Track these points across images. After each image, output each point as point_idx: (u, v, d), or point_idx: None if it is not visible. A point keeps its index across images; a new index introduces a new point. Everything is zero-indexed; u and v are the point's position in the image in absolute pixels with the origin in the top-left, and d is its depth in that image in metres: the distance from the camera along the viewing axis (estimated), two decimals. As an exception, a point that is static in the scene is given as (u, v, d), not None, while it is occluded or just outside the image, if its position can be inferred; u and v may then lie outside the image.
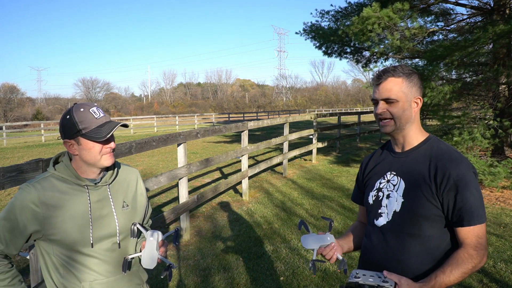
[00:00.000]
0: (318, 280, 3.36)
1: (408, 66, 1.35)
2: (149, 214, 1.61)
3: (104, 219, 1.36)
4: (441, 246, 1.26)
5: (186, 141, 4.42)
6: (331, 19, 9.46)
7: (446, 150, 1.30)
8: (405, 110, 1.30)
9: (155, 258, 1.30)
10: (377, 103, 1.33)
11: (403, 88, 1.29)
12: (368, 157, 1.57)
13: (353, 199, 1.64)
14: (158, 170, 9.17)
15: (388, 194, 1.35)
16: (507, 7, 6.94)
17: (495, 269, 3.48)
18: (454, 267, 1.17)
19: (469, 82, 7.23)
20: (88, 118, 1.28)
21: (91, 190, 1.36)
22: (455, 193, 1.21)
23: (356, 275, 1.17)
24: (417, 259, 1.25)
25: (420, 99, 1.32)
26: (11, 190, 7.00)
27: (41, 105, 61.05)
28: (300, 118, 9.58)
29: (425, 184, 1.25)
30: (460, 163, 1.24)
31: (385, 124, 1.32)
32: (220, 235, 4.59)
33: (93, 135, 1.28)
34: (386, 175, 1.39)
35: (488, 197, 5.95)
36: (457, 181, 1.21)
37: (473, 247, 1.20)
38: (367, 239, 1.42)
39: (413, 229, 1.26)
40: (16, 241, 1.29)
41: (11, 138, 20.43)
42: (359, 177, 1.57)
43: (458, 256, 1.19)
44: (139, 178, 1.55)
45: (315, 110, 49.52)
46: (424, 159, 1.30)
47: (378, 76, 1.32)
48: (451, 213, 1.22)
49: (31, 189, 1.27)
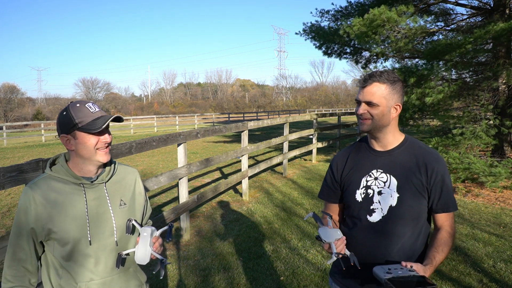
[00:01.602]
0: (318, 280, 3.37)
1: (394, 73, 1.45)
2: (148, 214, 1.61)
3: (101, 217, 1.37)
4: (422, 229, 1.46)
5: (186, 141, 4.42)
6: (331, 18, 9.45)
7: (427, 148, 1.48)
8: (384, 115, 1.41)
9: (148, 253, 1.29)
10: (359, 104, 1.44)
11: (385, 94, 1.40)
12: (342, 155, 1.61)
13: (323, 196, 1.67)
14: (158, 170, 9.18)
15: (379, 191, 1.44)
16: (507, 7, 6.94)
17: (495, 269, 3.48)
18: (443, 246, 1.38)
19: (469, 81, 7.24)
20: (84, 112, 1.31)
21: (88, 189, 1.37)
22: (441, 185, 1.42)
23: (389, 271, 1.23)
24: (409, 244, 1.43)
25: (400, 105, 1.44)
26: (11, 190, 7.01)
27: (41, 105, 61.04)
28: (300, 118, 9.58)
29: (416, 179, 1.41)
30: (441, 159, 1.45)
31: (364, 122, 1.44)
32: (220, 235, 4.59)
33: (89, 127, 1.30)
34: (372, 172, 1.48)
35: (488, 197, 5.95)
36: (443, 175, 1.43)
37: (451, 227, 1.45)
38: (357, 233, 1.48)
39: (407, 219, 1.42)
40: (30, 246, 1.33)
41: (11, 138, 20.43)
42: (335, 175, 1.60)
43: (443, 236, 1.41)
44: (137, 177, 1.56)
45: (315, 110, 49.53)
46: (410, 157, 1.45)
47: (364, 79, 1.42)
48: (436, 201, 1.43)
49: (29, 191, 1.31)
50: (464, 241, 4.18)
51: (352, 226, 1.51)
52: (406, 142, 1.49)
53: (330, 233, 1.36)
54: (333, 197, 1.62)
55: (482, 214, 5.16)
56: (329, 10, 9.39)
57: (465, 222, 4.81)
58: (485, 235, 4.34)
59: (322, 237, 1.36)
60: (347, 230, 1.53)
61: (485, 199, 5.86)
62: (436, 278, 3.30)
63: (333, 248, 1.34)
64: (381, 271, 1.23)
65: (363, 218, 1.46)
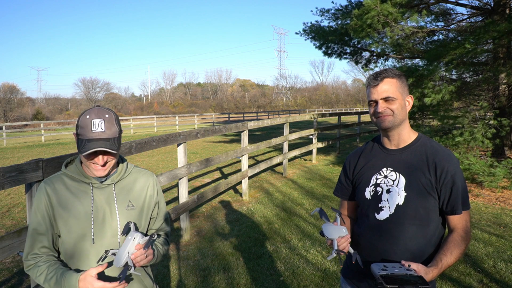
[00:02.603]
0: (318, 280, 3.36)
1: (395, 69, 1.47)
2: (161, 219, 1.58)
3: (106, 217, 1.38)
4: (435, 231, 1.42)
5: (186, 141, 4.42)
6: (331, 17, 9.44)
7: (439, 148, 1.45)
8: (402, 108, 1.42)
9: (123, 257, 1.26)
10: (375, 103, 1.43)
11: (399, 87, 1.42)
12: (355, 153, 1.64)
13: (337, 194, 1.70)
14: (158, 170, 9.17)
15: (388, 189, 1.45)
16: (507, 7, 6.94)
17: (495, 269, 3.48)
18: (453, 249, 1.33)
19: (469, 82, 7.23)
20: (85, 127, 1.29)
21: (96, 188, 1.40)
22: (451, 186, 1.38)
23: (384, 268, 1.23)
24: (417, 245, 1.40)
25: (411, 97, 1.48)
26: (11, 190, 7.00)
27: (41, 105, 61.01)
28: (300, 118, 9.57)
29: (425, 178, 1.39)
30: (453, 159, 1.42)
31: (385, 119, 1.42)
32: (220, 235, 4.59)
33: (80, 144, 1.30)
34: (382, 171, 1.49)
35: (488, 197, 5.95)
36: (453, 175, 1.39)
37: (464, 230, 1.39)
38: (365, 231, 1.50)
39: (415, 219, 1.40)
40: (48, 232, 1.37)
41: (11, 138, 20.42)
42: (347, 173, 1.63)
43: (454, 239, 1.36)
44: (152, 181, 1.55)
45: (315, 110, 49.52)
46: (421, 156, 1.43)
47: (374, 78, 1.43)
48: (446, 203, 1.40)
49: (43, 185, 1.39)
50: (464, 241, 4.17)
51: (362, 224, 1.53)
52: (419, 140, 1.48)
53: (333, 230, 1.36)
54: (347, 195, 1.64)
55: (482, 214, 5.15)
56: (330, 9, 9.39)
57: (465, 222, 4.81)
58: (486, 235, 4.34)
59: (325, 233, 1.36)
60: (357, 227, 1.54)
61: (485, 199, 5.86)
62: (436, 278, 3.30)
63: (334, 245, 1.34)
64: (376, 268, 1.24)
65: (371, 216, 1.47)
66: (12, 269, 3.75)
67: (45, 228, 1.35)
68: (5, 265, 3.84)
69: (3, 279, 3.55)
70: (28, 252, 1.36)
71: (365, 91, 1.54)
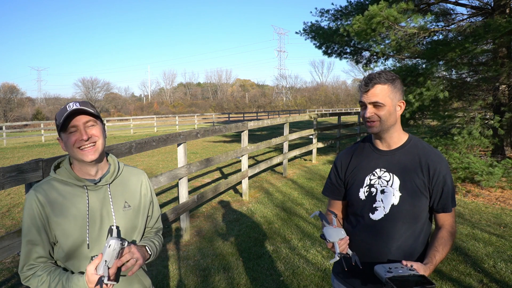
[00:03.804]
0: (318, 280, 3.36)
1: (391, 72, 1.48)
2: (156, 217, 1.58)
3: (103, 220, 1.35)
4: (423, 228, 1.48)
5: (186, 141, 4.42)
6: (331, 18, 9.44)
7: (430, 149, 1.50)
8: (391, 114, 1.44)
9: (100, 266, 1.20)
10: (365, 107, 1.45)
11: (389, 93, 1.43)
12: (346, 153, 1.64)
13: (327, 193, 1.69)
14: (158, 170, 9.17)
15: (382, 190, 1.47)
16: (507, 7, 6.93)
17: (495, 269, 3.48)
18: (444, 245, 1.41)
19: (468, 81, 7.23)
20: (62, 112, 1.28)
21: (90, 191, 1.35)
22: (443, 185, 1.45)
23: (389, 270, 1.26)
24: (408, 242, 1.45)
25: (403, 102, 1.48)
26: (11, 190, 7.01)
27: (41, 105, 61.01)
28: (300, 118, 9.57)
29: (419, 179, 1.44)
30: (443, 160, 1.48)
31: (372, 125, 1.45)
32: (220, 235, 4.58)
33: (61, 125, 1.28)
34: (376, 171, 1.51)
35: (488, 197, 5.94)
36: (445, 175, 1.45)
37: (451, 226, 1.48)
38: (359, 231, 1.51)
39: (407, 218, 1.44)
40: (43, 239, 1.31)
41: (11, 138, 20.42)
42: (339, 173, 1.63)
43: (444, 235, 1.44)
44: (144, 179, 1.53)
45: (315, 110, 49.51)
46: (413, 157, 1.48)
47: (365, 83, 1.44)
48: (437, 201, 1.46)
49: (33, 193, 1.31)
50: (464, 241, 4.17)
51: (355, 224, 1.54)
52: (410, 141, 1.51)
53: (334, 233, 1.38)
54: (337, 195, 1.65)
55: (482, 214, 5.15)
56: (329, 9, 9.38)
57: (466, 222, 4.80)
58: (486, 235, 4.34)
59: (327, 236, 1.38)
60: (350, 227, 1.56)
61: (485, 199, 5.86)
62: (436, 278, 3.30)
63: (336, 247, 1.35)
64: (382, 270, 1.26)
65: (366, 216, 1.49)
66: (12, 269, 3.75)
67: (40, 238, 1.30)
68: (5, 265, 3.84)
69: (3, 279, 3.55)
70: (24, 263, 1.31)
71: None
